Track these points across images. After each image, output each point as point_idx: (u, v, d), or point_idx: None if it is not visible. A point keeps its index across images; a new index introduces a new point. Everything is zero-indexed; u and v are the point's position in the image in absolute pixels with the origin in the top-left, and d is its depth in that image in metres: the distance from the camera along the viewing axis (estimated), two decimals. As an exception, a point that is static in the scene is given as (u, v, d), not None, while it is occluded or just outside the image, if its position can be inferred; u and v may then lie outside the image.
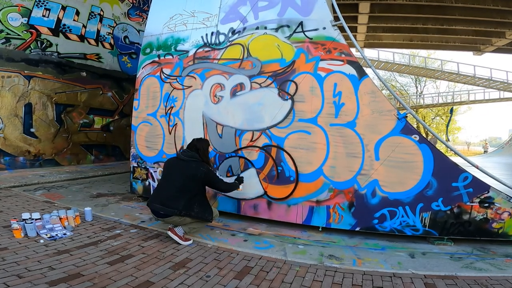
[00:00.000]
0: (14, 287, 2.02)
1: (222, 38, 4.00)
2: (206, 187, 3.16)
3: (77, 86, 7.73)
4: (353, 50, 3.69)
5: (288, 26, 3.64)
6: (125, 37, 8.96)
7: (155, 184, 4.39)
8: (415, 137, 3.15)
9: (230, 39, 3.94)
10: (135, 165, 4.61)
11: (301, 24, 3.57)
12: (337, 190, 3.39)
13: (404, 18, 11.17)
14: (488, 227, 3.07)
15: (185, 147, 4.14)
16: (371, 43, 14.86)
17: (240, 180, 3.47)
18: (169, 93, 4.29)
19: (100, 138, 8.49)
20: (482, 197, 3.03)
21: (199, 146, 3.16)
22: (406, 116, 3.20)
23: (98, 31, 8.17)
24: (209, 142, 3.43)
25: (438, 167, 3.08)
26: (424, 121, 24.08)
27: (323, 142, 3.44)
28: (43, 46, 7.00)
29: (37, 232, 2.95)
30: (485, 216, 3.06)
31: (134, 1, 9.07)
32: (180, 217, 2.94)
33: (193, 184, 2.97)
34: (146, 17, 7.50)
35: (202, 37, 4.13)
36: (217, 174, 3.47)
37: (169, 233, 2.98)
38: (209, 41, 4.08)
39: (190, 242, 3.02)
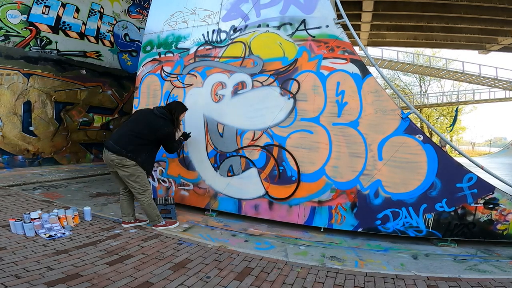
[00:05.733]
0: (11, 288, 1.98)
1: (223, 36, 3.95)
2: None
3: (76, 84, 7.68)
4: (356, 48, 3.65)
5: (290, 24, 3.59)
6: (125, 34, 8.91)
7: (155, 184, 4.35)
8: (419, 137, 3.10)
9: (232, 37, 3.89)
10: (135, 164, 4.57)
11: (303, 22, 3.52)
12: (339, 191, 3.35)
13: (409, 16, 11.09)
14: (492, 229, 3.04)
15: (186, 146, 4.13)
16: (375, 42, 14.76)
17: (185, 137, 3.69)
18: (169, 92, 4.25)
19: (99, 136, 8.45)
20: (487, 198, 3.00)
21: (173, 107, 3.34)
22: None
23: (98, 28, 8.13)
24: (186, 109, 3.50)
25: (442, 167, 3.04)
26: (428, 120, 24.01)
27: (325, 141, 3.40)
28: (43, 43, 6.95)
29: (35, 232, 2.92)
30: (489, 217, 3.02)
31: (135, -1, 9.03)
32: (124, 159, 3.05)
33: (150, 136, 3.14)
34: (147, 15, 7.45)
35: (203, 34, 4.09)
36: (176, 137, 3.51)
37: (155, 228, 3.26)
38: (210, 39, 4.03)
39: (177, 224, 3.42)
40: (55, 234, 2.93)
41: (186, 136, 3.71)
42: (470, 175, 3.00)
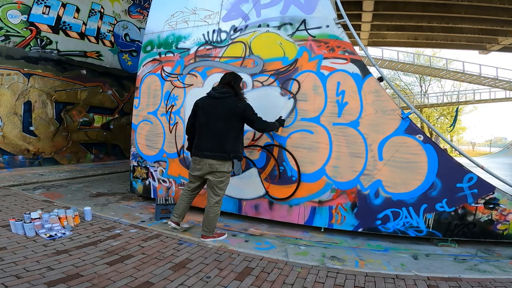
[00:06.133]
0: (12, 288, 1.98)
1: (223, 36, 3.95)
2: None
3: (77, 84, 7.69)
4: (356, 48, 3.65)
5: (290, 24, 3.59)
6: (126, 34, 8.92)
7: (156, 184, 4.35)
8: (419, 137, 3.10)
9: (232, 37, 3.89)
10: (135, 164, 4.58)
11: (304, 22, 3.52)
12: (339, 191, 3.35)
13: (409, 16, 11.09)
14: (492, 229, 3.04)
15: (186, 146, 4.10)
16: (375, 42, 14.75)
17: (281, 122, 3.35)
18: (170, 92, 4.25)
19: (100, 136, 8.45)
20: (487, 198, 3.00)
21: (230, 79, 3.01)
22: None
23: (99, 28, 8.13)
24: (241, 77, 3.18)
25: (443, 167, 3.04)
26: (428, 120, 24.02)
27: (325, 141, 3.40)
28: (43, 43, 6.95)
29: (35, 232, 2.92)
30: (489, 217, 3.02)
31: (135, -1, 9.04)
32: (225, 161, 2.94)
33: (234, 122, 2.91)
34: (147, 15, 7.46)
35: (203, 34, 4.09)
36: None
37: (203, 239, 3.06)
38: (211, 39, 4.03)
39: (225, 236, 3.19)
40: (56, 234, 2.93)
41: (281, 121, 3.36)
42: (471, 175, 2.99)
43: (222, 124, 2.91)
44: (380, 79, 3.69)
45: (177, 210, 3.24)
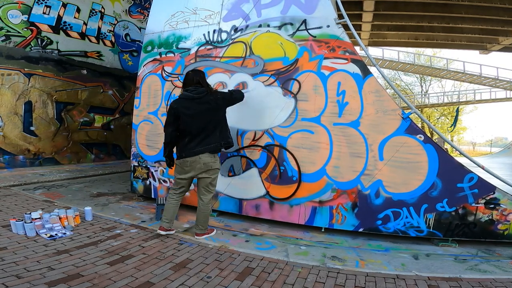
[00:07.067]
0: (12, 288, 1.99)
1: (224, 36, 3.95)
2: None
3: (77, 84, 7.70)
4: (357, 48, 3.65)
5: (291, 24, 3.59)
6: (126, 34, 8.92)
7: (156, 184, 4.35)
8: (420, 137, 3.10)
9: (233, 37, 3.89)
10: (136, 164, 4.58)
11: (304, 22, 3.52)
12: (340, 191, 3.35)
13: (409, 16, 11.10)
14: (493, 229, 3.03)
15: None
16: (376, 42, 14.76)
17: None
18: (170, 92, 4.25)
19: (100, 136, 8.46)
20: (488, 198, 2.99)
21: (198, 78, 3.07)
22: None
23: (99, 28, 8.14)
24: (203, 71, 3.28)
25: (443, 167, 3.03)
26: (429, 120, 23.98)
27: (326, 141, 3.40)
28: (44, 43, 6.96)
29: (36, 232, 2.92)
30: (490, 217, 3.02)
31: (135, -1, 9.04)
32: (216, 157, 3.05)
33: (220, 114, 3.06)
34: (148, 15, 7.46)
35: (204, 34, 4.09)
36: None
37: (197, 237, 3.10)
38: (211, 39, 4.03)
39: (214, 232, 3.28)
40: (56, 234, 2.93)
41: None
42: (471, 175, 2.99)
43: (207, 121, 2.97)
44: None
45: (167, 214, 3.12)
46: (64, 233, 2.99)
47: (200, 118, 2.96)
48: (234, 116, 3.82)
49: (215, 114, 3.01)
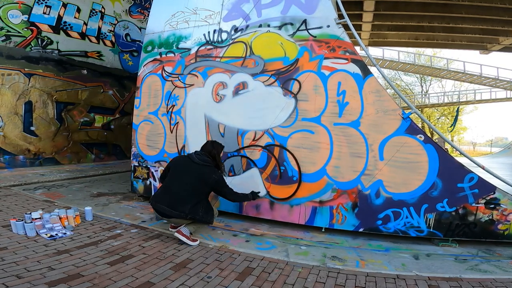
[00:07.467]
0: (13, 288, 1.99)
1: (224, 36, 3.95)
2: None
3: (77, 84, 7.70)
4: (357, 48, 3.65)
5: (291, 24, 3.59)
6: (127, 34, 8.93)
7: (156, 184, 4.35)
8: (420, 137, 3.10)
9: (233, 37, 3.89)
10: (136, 164, 4.58)
11: (304, 22, 3.52)
12: (340, 191, 3.35)
13: (410, 16, 11.09)
14: (493, 229, 3.03)
15: (187, 146, 4.09)
16: (376, 42, 14.75)
17: (254, 196, 3.38)
18: (170, 92, 4.25)
19: (100, 136, 8.46)
20: (488, 198, 2.99)
21: (214, 151, 3.12)
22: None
23: (99, 28, 8.14)
24: (223, 146, 3.30)
25: (444, 167, 3.03)
26: (429, 120, 23.99)
27: (326, 141, 3.40)
28: (44, 43, 6.96)
29: (36, 232, 2.92)
30: (490, 217, 3.01)
31: (136, -1, 9.04)
32: (184, 219, 2.94)
33: (203, 189, 2.97)
34: (148, 15, 7.47)
35: (204, 34, 4.09)
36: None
37: (177, 234, 2.94)
38: (212, 39, 4.03)
39: (197, 242, 2.97)
40: (56, 234, 2.93)
41: (255, 195, 3.39)
42: (471, 175, 2.99)
43: (189, 186, 2.91)
44: None
45: None
46: (65, 233, 2.99)
47: (185, 179, 2.93)
48: (234, 116, 3.83)
49: (199, 185, 2.93)
